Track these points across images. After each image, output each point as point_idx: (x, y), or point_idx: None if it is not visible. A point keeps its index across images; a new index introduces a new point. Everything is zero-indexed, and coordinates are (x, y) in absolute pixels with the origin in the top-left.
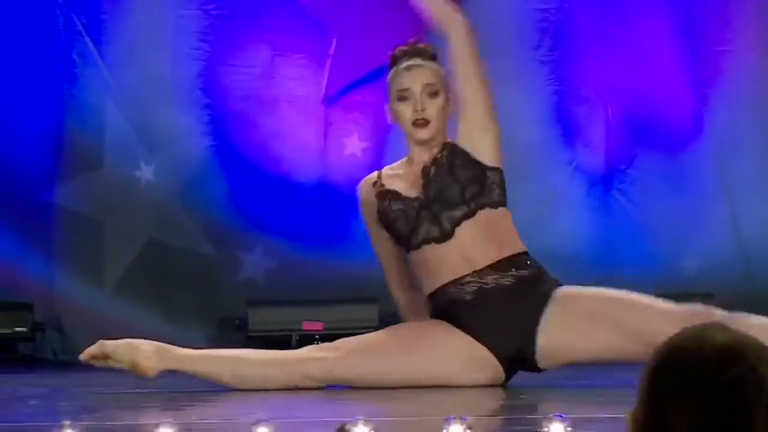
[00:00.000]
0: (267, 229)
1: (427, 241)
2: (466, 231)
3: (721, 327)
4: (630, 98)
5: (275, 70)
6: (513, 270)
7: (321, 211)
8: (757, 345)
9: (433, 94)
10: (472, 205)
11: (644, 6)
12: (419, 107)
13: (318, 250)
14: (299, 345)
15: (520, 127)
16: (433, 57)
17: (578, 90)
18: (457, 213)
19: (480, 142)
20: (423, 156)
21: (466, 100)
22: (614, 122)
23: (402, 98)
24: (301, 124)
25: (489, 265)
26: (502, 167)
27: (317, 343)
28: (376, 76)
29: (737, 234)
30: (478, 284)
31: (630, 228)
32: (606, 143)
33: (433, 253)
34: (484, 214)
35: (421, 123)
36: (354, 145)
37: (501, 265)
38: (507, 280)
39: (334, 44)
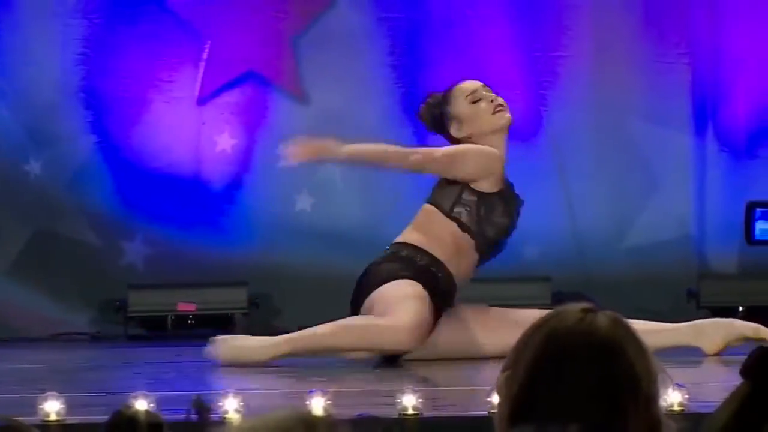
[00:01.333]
0: (146, 219)
1: None
2: None
3: (605, 315)
4: None
5: (153, 74)
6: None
7: (195, 202)
8: (633, 335)
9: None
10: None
11: (488, 14)
12: (492, 98)
13: (192, 238)
14: (174, 325)
15: (374, 127)
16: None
17: (426, 92)
18: None
19: None
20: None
21: None
22: None
23: (475, 100)
24: (177, 123)
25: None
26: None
27: (190, 323)
28: (246, 78)
29: (572, 222)
30: None
31: None
32: None
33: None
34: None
35: (500, 108)
36: (225, 142)
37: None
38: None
39: (207, 49)
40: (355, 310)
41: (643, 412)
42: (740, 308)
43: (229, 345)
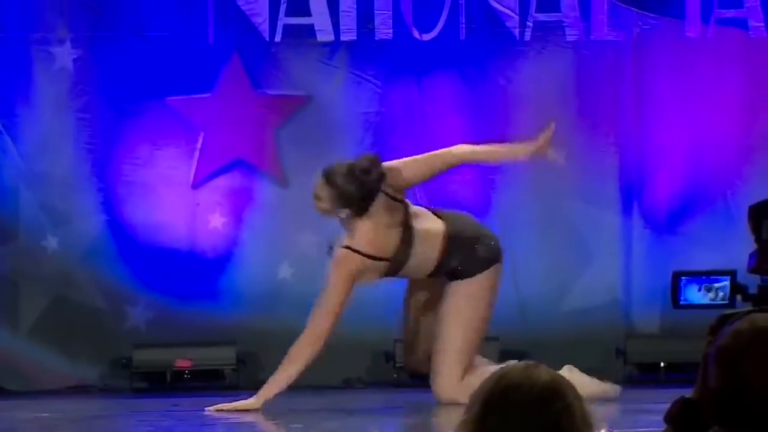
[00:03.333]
0: (148, 287)
1: None
2: None
3: (546, 369)
4: (434, 183)
5: (154, 161)
6: None
7: (191, 272)
8: (571, 385)
9: (317, 198)
10: None
11: (444, 109)
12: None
13: (188, 304)
14: (173, 380)
15: None
16: (328, 181)
17: None
18: None
19: None
20: None
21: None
22: (421, 201)
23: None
24: (175, 204)
25: None
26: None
27: (186, 377)
28: (235, 165)
29: (517, 289)
30: None
31: None
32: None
33: None
34: None
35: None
36: (216, 220)
37: None
38: None
39: (200, 140)
40: None
41: None
42: (662, 364)
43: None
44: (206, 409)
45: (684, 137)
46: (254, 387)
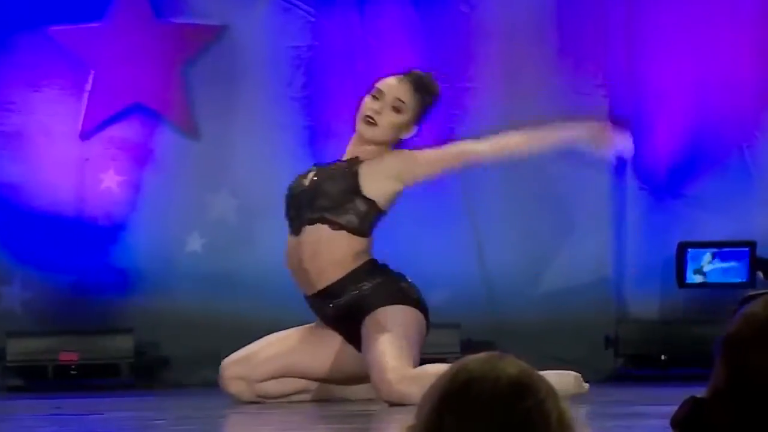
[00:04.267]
0: (25, 261)
1: (289, 228)
2: (307, 234)
3: (513, 360)
4: None
5: (33, 106)
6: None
7: (78, 243)
8: (544, 380)
9: (397, 110)
10: (316, 215)
11: (392, 42)
12: (377, 109)
13: (75, 282)
14: (55, 375)
15: (274, 163)
16: (419, 88)
17: (329, 125)
18: (307, 215)
19: (378, 179)
20: (350, 150)
21: (416, 157)
22: None
23: (373, 95)
24: (59, 159)
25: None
26: (380, 207)
27: (73, 373)
28: (132, 111)
29: (483, 266)
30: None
31: (378, 258)
32: None
33: (289, 240)
34: (321, 228)
35: (369, 121)
36: (110, 179)
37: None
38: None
39: (90, 79)
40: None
41: None
42: (662, 357)
43: None
44: None
45: (688, 78)
46: (156, 384)
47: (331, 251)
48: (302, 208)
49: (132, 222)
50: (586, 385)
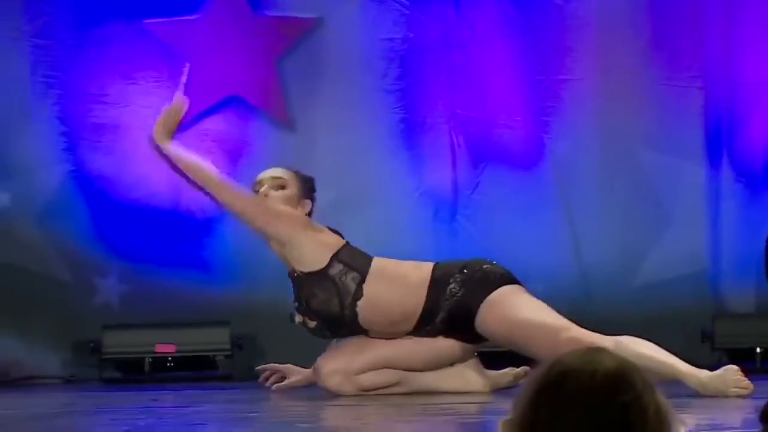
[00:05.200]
0: (122, 254)
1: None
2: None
3: (610, 353)
4: (474, 125)
5: (128, 98)
6: None
7: (174, 236)
8: (641, 374)
9: (280, 187)
10: None
11: (487, 35)
12: (264, 193)
13: (171, 275)
14: (152, 367)
15: (368, 155)
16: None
17: (424, 118)
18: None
19: None
20: None
21: None
22: (459, 149)
23: (254, 190)
24: (155, 152)
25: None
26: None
27: (169, 365)
28: (228, 104)
29: (578, 258)
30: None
31: (475, 252)
32: (452, 170)
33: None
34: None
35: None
36: None
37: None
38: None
39: (186, 72)
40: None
41: None
42: (758, 350)
43: None
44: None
45: None
46: (252, 377)
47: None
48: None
49: (229, 215)
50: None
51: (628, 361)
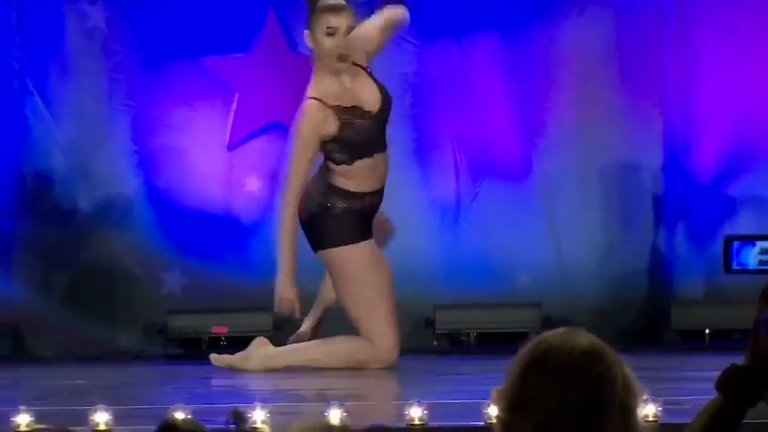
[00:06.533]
0: (183, 253)
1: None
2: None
3: (585, 333)
4: (474, 145)
5: (188, 123)
6: None
7: (226, 237)
8: (611, 350)
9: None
10: None
11: (485, 69)
12: (343, 44)
13: (224, 269)
14: (208, 345)
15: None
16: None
17: (433, 139)
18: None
19: None
20: (335, 84)
21: None
22: (461, 165)
23: (330, 34)
24: (210, 168)
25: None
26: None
27: (222, 344)
28: (270, 128)
29: (559, 253)
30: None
31: (474, 250)
32: (455, 182)
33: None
34: None
35: (343, 58)
36: (252, 184)
37: None
38: None
39: (236, 100)
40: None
41: (619, 415)
42: (707, 331)
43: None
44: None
45: (732, 100)
46: None
47: None
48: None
49: (269, 219)
50: None
51: (599, 341)
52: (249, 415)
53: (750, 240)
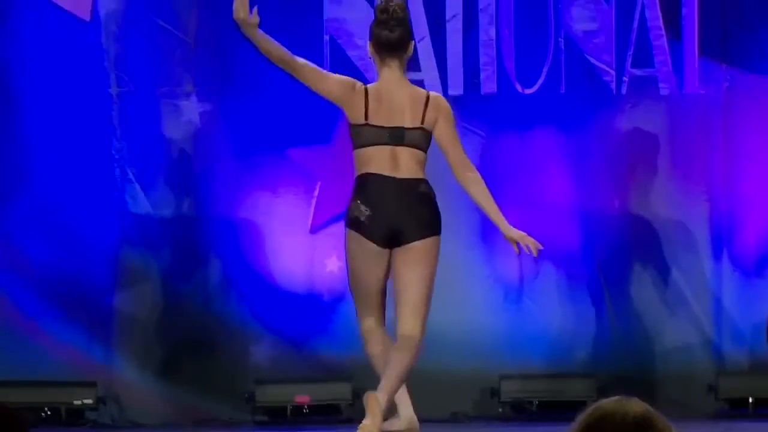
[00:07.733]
0: (270, 328)
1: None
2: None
3: (638, 401)
4: (535, 229)
5: (274, 208)
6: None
7: (308, 313)
8: (662, 417)
9: None
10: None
11: (545, 160)
12: None
13: (307, 342)
14: (292, 414)
15: (454, 248)
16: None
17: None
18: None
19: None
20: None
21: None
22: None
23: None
24: (294, 249)
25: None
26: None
27: (305, 412)
28: None
29: (614, 329)
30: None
31: (536, 324)
32: (519, 263)
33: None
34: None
35: None
36: (333, 264)
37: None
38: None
39: (317, 188)
40: None
41: None
42: (750, 399)
43: None
44: None
45: None
46: None
47: None
48: None
49: (349, 296)
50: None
51: (651, 408)
52: None
53: None
